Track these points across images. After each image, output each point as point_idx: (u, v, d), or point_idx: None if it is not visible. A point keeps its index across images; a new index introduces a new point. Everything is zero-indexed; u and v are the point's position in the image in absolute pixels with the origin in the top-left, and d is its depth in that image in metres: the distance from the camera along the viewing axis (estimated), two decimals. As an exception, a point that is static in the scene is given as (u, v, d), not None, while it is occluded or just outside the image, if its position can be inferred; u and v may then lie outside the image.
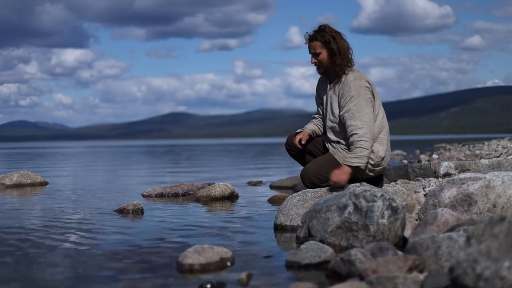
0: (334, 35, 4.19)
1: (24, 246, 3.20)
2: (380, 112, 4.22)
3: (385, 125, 4.26)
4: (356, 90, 4.09)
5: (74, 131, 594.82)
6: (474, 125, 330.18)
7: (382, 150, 4.18)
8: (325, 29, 4.22)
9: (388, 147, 4.26)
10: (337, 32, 4.23)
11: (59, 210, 4.92)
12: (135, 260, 2.80)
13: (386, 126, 4.26)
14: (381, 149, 4.17)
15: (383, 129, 4.22)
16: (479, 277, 1.58)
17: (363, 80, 4.15)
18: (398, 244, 2.88)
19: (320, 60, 4.23)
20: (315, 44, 4.22)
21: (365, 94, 4.10)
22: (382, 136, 4.20)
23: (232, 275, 2.42)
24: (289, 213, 3.75)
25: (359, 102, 4.06)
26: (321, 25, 4.28)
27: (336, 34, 4.22)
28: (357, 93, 4.08)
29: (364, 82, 4.13)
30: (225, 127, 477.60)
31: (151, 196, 5.99)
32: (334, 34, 4.19)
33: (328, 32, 4.20)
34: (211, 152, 27.94)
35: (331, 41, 4.16)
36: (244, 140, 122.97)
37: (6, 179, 7.54)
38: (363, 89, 4.10)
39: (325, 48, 4.20)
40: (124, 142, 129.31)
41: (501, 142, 17.11)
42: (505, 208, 2.98)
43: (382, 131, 4.21)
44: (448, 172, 5.75)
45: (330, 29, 4.24)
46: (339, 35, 4.22)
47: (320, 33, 4.21)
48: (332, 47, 4.16)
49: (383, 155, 4.19)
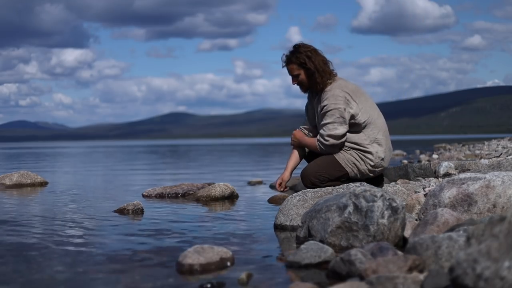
0: (309, 54, 4.19)
1: (24, 246, 3.20)
2: (372, 113, 4.19)
3: (381, 126, 4.23)
4: (331, 101, 4.10)
5: (74, 131, 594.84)
6: (474, 125, 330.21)
7: (382, 151, 4.18)
8: (299, 50, 4.22)
9: (387, 148, 4.26)
10: (312, 50, 4.23)
11: (59, 210, 4.92)
12: (135, 260, 2.80)
13: (382, 127, 4.24)
14: (380, 150, 4.18)
15: (380, 130, 4.21)
16: (479, 277, 1.58)
17: (338, 90, 4.13)
18: (398, 244, 2.88)
19: (300, 81, 4.27)
20: (292, 66, 4.25)
21: (340, 104, 4.09)
22: (379, 137, 4.20)
23: (232, 275, 2.42)
24: (289, 213, 3.75)
25: (331, 112, 4.09)
26: (295, 45, 4.29)
27: (312, 52, 4.21)
28: (331, 104, 4.09)
29: (339, 92, 4.12)
30: (225, 127, 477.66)
31: (151, 196, 5.99)
32: (309, 53, 4.19)
33: (303, 53, 4.20)
34: (211, 152, 27.94)
35: (306, 62, 4.18)
36: (244, 140, 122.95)
37: (6, 179, 7.54)
38: (338, 99, 4.10)
39: (302, 69, 4.22)
40: (124, 142, 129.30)
41: (501, 142, 17.11)
42: (505, 208, 2.98)
43: (379, 132, 4.20)
44: (448, 172, 5.75)
45: (305, 48, 4.23)
46: (314, 52, 4.22)
47: (295, 55, 4.22)
48: (309, 67, 4.17)
49: (383, 156, 4.19)
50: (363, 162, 4.16)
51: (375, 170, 4.20)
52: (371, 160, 4.13)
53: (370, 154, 4.15)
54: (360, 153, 4.16)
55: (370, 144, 4.16)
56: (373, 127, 4.17)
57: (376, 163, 4.16)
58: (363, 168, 4.16)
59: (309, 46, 4.26)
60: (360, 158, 4.15)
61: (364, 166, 4.16)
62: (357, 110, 4.12)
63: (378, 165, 4.18)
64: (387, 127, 4.37)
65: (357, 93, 4.18)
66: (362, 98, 4.18)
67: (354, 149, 4.17)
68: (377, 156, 4.15)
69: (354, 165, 4.16)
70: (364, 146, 4.15)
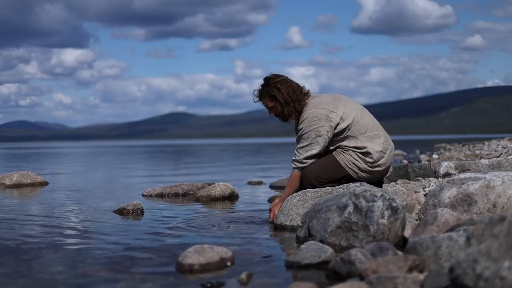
0: (278, 86, 4.21)
1: (24, 246, 3.20)
2: (355, 114, 4.15)
3: (367, 123, 4.16)
4: (305, 124, 4.13)
5: (74, 131, 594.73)
6: (474, 125, 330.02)
7: (377, 144, 4.16)
8: (268, 82, 4.25)
9: (383, 140, 4.19)
10: (280, 81, 4.24)
11: (59, 210, 4.92)
12: (135, 260, 2.80)
13: (369, 123, 4.16)
14: (375, 143, 4.15)
15: (367, 127, 4.14)
16: (479, 277, 1.58)
17: (312, 110, 4.14)
18: (398, 244, 2.88)
19: (276, 113, 4.31)
20: (265, 100, 4.29)
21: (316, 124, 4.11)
22: (369, 134, 4.15)
23: (232, 275, 2.42)
24: (289, 213, 3.75)
25: (306, 135, 4.11)
26: (265, 78, 4.32)
27: (281, 82, 4.23)
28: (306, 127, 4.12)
29: (314, 112, 4.13)
30: (225, 127, 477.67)
31: (151, 196, 6.00)
32: (278, 84, 4.21)
33: (272, 85, 4.22)
34: (211, 152, 27.93)
35: (276, 94, 4.20)
36: (244, 140, 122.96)
37: (6, 179, 7.55)
38: (313, 121, 4.12)
39: (274, 101, 4.25)
40: (124, 142, 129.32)
41: (501, 142, 17.11)
42: (505, 208, 2.98)
43: (367, 129, 4.15)
44: (448, 172, 5.75)
45: (273, 79, 4.25)
46: (284, 82, 4.23)
47: (265, 89, 4.25)
48: (279, 99, 4.20)
49: (380, 148, 4.13)
50: (363, 161, 4.15)
51: (378, 166, 4.16)
52: (370, 157, 4.13)
53: (366, 150, 4.13)
54: (357, 152, 4.15)
55: (362, 143, 4.15)
56: (360, 127, 4.17)
57: (376, 158, 4.14)
58: (364, 166, 4.15)
59: (279, 76, 4.29)
60: (359, 157, 4.15)
61: (365, 164, 4.15)
62: (338, 118, 4.15)
63: (378, 159, 4.15)
64: (378, 122, 4.31)
65: (333, 102, 4.21)
66: (340, 106, 4.20)
67: (352, 150, 4.17)
68: (374, 151, 4.13)
69: (354, 165, 4.15)
70: (358, 146, 4.14)
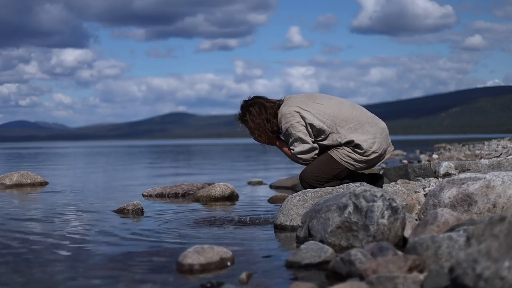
0: (249, 109, 4.36)
1: (24, 246, 3.20)
2: (331, 110, 4.18)
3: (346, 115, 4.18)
4: (282, 123, 4.23)
5: (74, 131, 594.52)
6: (474, 125, 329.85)
7: (365, 132, 4.17)
8: (243, 105, 4.43)
9: (368, 128, 4.17)
10: (251, 104, 4.37)
11: (59, 210, 4.92)
12: (135, 260, 2.80)
13: (349, 115, 4.19)
14: (361, 133, 4.15)
15: (347, 119, 4.15)
16: (479, 277, 1.58)
17: (284, 109, 4.23)
18: (398, 244, 2.88)
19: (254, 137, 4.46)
20: (245, 123, 4.45)
21: (291, 121, 4.19)
22: (351, 125, 4.16)
23: (232, 275, 2.42)
24: (289, 213, 3.75)
25: (288, 131, 4.20)
26: (242, 101, 4.47)
27: (252, 105, 4.36)
28: (283, 125, 4.22)
29: (286, 110, 4.21)
30: (225, 127, 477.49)
31: (151, 196, 6.00)
32: (250, 108, 4.36)
33: (245, 108, 4.40)
34: (211, 152, 27.93)
35: (247, 117, 4.36)
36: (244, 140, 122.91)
37: (6, 179, 7.55)
38: (287, 118, 4.20)
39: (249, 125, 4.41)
40: (124, 142, 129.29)
41: (501, 142, 17.10)
42: (505, 208, 2.98)
43: (347, 121, 4.15)
44: (448, 172, 5.75)
45: (246, 104, 4.41)
46: (254, 105, 4.34)
47: (242, 112, 4.42)
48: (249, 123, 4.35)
49: (369, 137, 4.15)
50: (356, 152, 4.15)
51: (373, 152, 4.14)
52: (361, 148, 4.12)
53: (355, 143, 4.12)
54: (348, 145, 4.16)
55: (347, 137, 4.14)
56: (339, 121, 4.16)
57: (366, 147, 4.13)
58: (359, 157, 4.16)
59: (252, 99, 4.42)
60: (352, 150, 4.16)
61: (359, 155, 4.16)
62: (312, 117, 4.15)
63: (370, 146, 4.13)
64: (363, 111, 4.31)
65: (307, 102, 4.21)
66: (313, 105, 4.21)
67: (343, 144, 4.17)
68: (362, 140, 4.13)
69: (349, 157, 4.16)
70: (347, 141, 4.14)
